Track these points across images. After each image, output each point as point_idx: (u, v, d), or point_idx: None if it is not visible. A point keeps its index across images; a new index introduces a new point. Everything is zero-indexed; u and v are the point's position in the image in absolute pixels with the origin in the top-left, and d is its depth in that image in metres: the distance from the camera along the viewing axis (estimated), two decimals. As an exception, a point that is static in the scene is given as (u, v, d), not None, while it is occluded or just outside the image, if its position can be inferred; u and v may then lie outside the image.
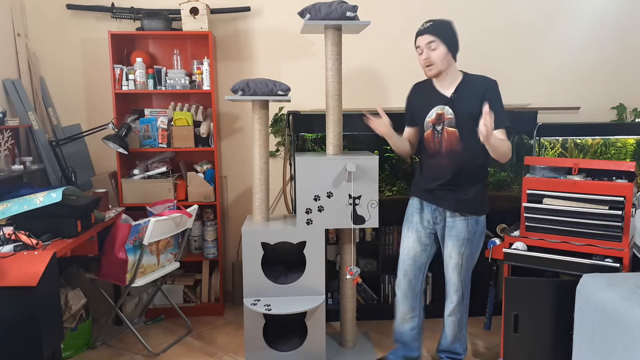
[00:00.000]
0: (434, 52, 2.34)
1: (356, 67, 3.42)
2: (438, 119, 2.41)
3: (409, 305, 2.62)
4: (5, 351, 2.13)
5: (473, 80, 2.40)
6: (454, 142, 2.38)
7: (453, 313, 2.59)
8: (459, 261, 2.49)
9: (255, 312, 2.62)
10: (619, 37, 3.67)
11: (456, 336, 2.63)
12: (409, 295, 2.60)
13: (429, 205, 2.52)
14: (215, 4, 3.34)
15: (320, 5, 2.57)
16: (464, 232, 2.45)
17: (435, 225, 2.54)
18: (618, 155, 3.35)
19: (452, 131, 2.38)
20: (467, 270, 2.54)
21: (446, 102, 2.39)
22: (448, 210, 2.46)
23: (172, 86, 3.25)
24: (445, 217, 2.49)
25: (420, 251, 2.56)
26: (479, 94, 2.32)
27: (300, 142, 3.26)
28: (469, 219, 2.44)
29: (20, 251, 2.24)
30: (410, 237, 2.57)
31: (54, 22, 3.37)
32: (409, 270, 2.58)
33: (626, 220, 2.24)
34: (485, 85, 2.35)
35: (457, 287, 2.54)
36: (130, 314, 3.37)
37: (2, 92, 3.09)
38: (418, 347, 2.71)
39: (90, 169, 3.43)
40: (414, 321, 2.64)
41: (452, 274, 2.53)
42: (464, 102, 2.36)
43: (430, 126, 2.44)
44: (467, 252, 2.47)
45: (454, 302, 2.56)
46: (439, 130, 2.41)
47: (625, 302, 1.79)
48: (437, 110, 2.42)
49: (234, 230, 3.66)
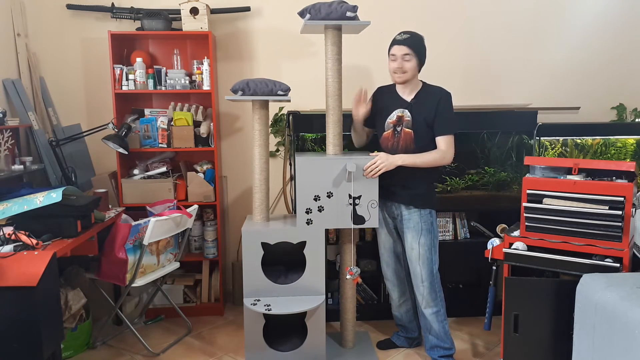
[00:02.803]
0: (407, 63, 2.58)
1: (356, 67, 3.42)
2: (398, 121, 2.65)
3: (399, 292, 2.89)
4: (5, 351, 2.13)
5: (430, 90, 2.66)
6: (409, 142, 2.63)
7: (427, 305, 2.70)
8: (420, 251, 2.66)
9: (255, 312, 2.62)
10: (619, 37, 3.67)
11: (441, 330, 2.72)
12: (396, 282, 2.88)
13: (386, 202, 2.75)
14: (215, 4, 3.34)
15: (320, 5, 2.57)
16: (419, 222, 2.65)
17: (394, 221, 2.77)
18: (618, 155, 3.35)
19: (409, 132, 2.62)
20: (430, 260, 2.67)
21: (406, 106, 2.64)
22: (403, 204, 2.68)
23: (172, 86, 3.25)
24: (402, 212, 2.70)
25: (393, 242, 2.83)
26: (434, 103, 2.59)
27: (300, 142, 3.26)
28: (422, 211, 2.66)
29: (20, 251, 2.24)
30: (382, 232, 2.84)
31: (54, 22, 3.37)
32: (389, 261, 2.85)
33: (626, 220, 2.24)
34: (440, 96, 2.61)
35: (422, 277, 2.69)
36: (130, 314, 3.37)
37: (2, 92, 3.09)
38: (416, 328, 2.95)
39: (90, 169, 3.43)
40: (407, 304, 2.92)
41: (415, 265, 2.69)
42: (421, 108, 2.62)
43: (391, 127, 2.67)
44: (427, 242, 2.66)
45: (423, 293, 2.70)
46: (398, 131, 2.66)
47: (625, 302, 1.79)
48: (397, 112, 2.66)
49: (234, 230, 3.66)
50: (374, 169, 2.58)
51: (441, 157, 2.59)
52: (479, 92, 3.62)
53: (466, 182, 3.33)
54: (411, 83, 2.64)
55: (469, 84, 3.61)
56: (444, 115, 2.58)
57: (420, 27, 2.68)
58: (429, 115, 2.59)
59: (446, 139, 2.59)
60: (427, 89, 2.67)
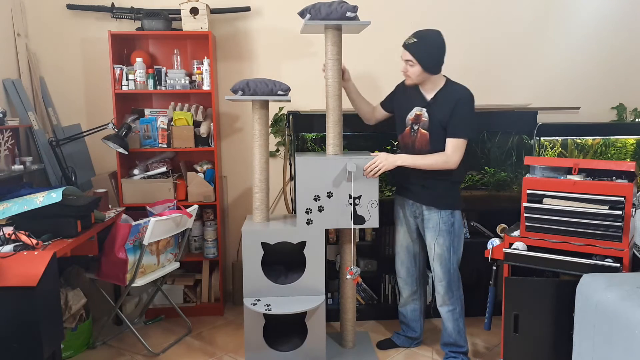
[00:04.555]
0: (410, 68, 2.54)
1: (356, 67, 3.41)
2: (416, 119, 2.61)
3: (410, 290, 2.88)
4: (5, 351, 2.13)
5: (451, 89, 2.57)
6: (424, 144, 2.59)
7: (444, 303, 2.72)
8: (439, 251, 2.65)
9: (255, 312, 2.62)
10: (619, 37, 3.67)
11: (455, 329, 2.74)
12: (408, 281, 2.87)
13: (407, 200, 2.74)
14: (215, 4, 3.34)
15: (321, 5, 2.57)
16: (439, 223, 2.63)
17: (416, 220, 2.75)
18: (618, 155, 3.35)
19: (424, 133, 2.58)
20: (449, 260, 2.66)
21: (425, 104, 2.59)
22: (423, 204, 2.66)
23: (172, 86, 3.25)
24: (423, 211, 2.68)
25: (411, 241, 2.81)
26: (451, 104, 2.51)
27: (300, 142, 3.26)
28: (442, 212, 2.62)
29: (20, 251, 2.24)
30: (400, 231, 2.83)
31: (54, 22, 3.37)
32: (404, 259, 2.85)
33: (626, 220, 2.24)
34: (458, 97, 2.52)
35: (440, 277, 2.69)
36: (130, 314, 3.37)
37: (2, 92, 3.09)
38: (418, 328, 2.95)
39: (90, 169, 3.43)
40: (416, 304, 2.91)
41: (433, 264, 2.71)
42: (438, 109, 2.55)
43: (409, 124, 2.64)
44: (445, 243, 2.64)
45: (440, 292, 2.71)
46: (415, 130, 2.62)
47: (625, 302, 1.79)
48: (416, 110, 2.61)
49: (234, 230, 3.66)
50: (373, 169, 2.58)
51: (444, 161, 2.51)
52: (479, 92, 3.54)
53: (466, 182, 3.33)
54: (430, 81, 2.57)
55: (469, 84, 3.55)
56: (459, 117, 2.49)
57: (420, 26, 2.67)
58: (444, 117, 2.52)
59: (454, 143, 2.51)
60: (448, 88, 2.57)
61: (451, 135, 2.51)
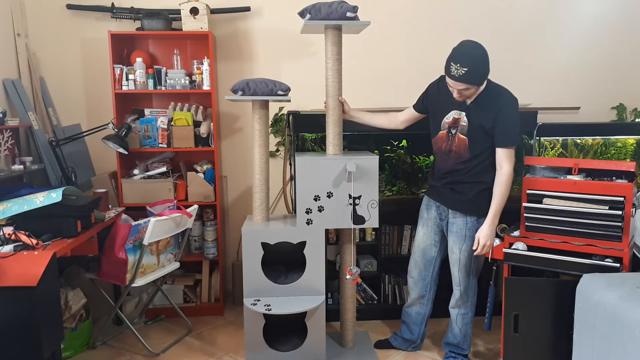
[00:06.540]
0: (466, 92, 2.40)
1: (356, 67, 3.42)
2: (454, 123, 2.51)
3: (419, 293, 2.81)
4: (5, 351, 2.13)
5: (493, 93, 2.44)
6: (462, 149, 2.50)
7: (457, 306, 2.70)
8: (459, 257, 2.61)
9: (255, 312, 2.62)
10: (619, 37, 3.67)
11: (462, 332, 2.73)
12: (419, 283, 2.80)
13: (434, 202, 2.68)
14: (215, 4, 3.34)
15: (321, 5, 2.57)
16: (463, 229, 2.57)
17: (441, 222, 2.68)
18: (618, 155, 3.35)
19: (463, 138, 2.49)
20: (467, 267, 2.62)
21: (464, 108, 2.48)
22: (450, 208, 2.60)
23: (172, 86, 3.25)
24: (448, 215, 2.62)
25: (429, 245, 2.73)
26: (494, 110, 2.40)
27: (300, 142, 3.26)
28: (468, 218, 2.56)
29: (20, 251, 2.24)
30: (420, 232, 2.76)
31: (54, 22, 3.37)
32: (419, 261, 2.77)
33: (626, 220, 2.24)
34: (502, 103, 2.41)
35: (456, 282, 2.67)
36: (130, 314, 3.37)
37: (2, 92, 3.09)
38: (417, 332, 2.89)
39: (90, 169, 3.43)
40: (422, 307, 2.84)
41: (452, 269, 2.67)
42: (479, 113, 2.44)
43: (446, 127, 2.54)
44: (468, 249, 2.57)
45: (456, 295, 2.69)
46: (452, 134, 2.52)
47: (625, 302, 1.79)
48: (454, 114, 2.51)
49: (234, 230, 3.66)
50: (484, 249, 2.45)
51: (506, 180, 2.40)
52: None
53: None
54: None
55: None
56: (506, 125, 2.38)
57: (420, 27, 2.67)
58: (486, 123, 2.41)
59: (506, 153, 2.40)
60: (491, 91, 2.45)
61: (501, 145, 2.41)
